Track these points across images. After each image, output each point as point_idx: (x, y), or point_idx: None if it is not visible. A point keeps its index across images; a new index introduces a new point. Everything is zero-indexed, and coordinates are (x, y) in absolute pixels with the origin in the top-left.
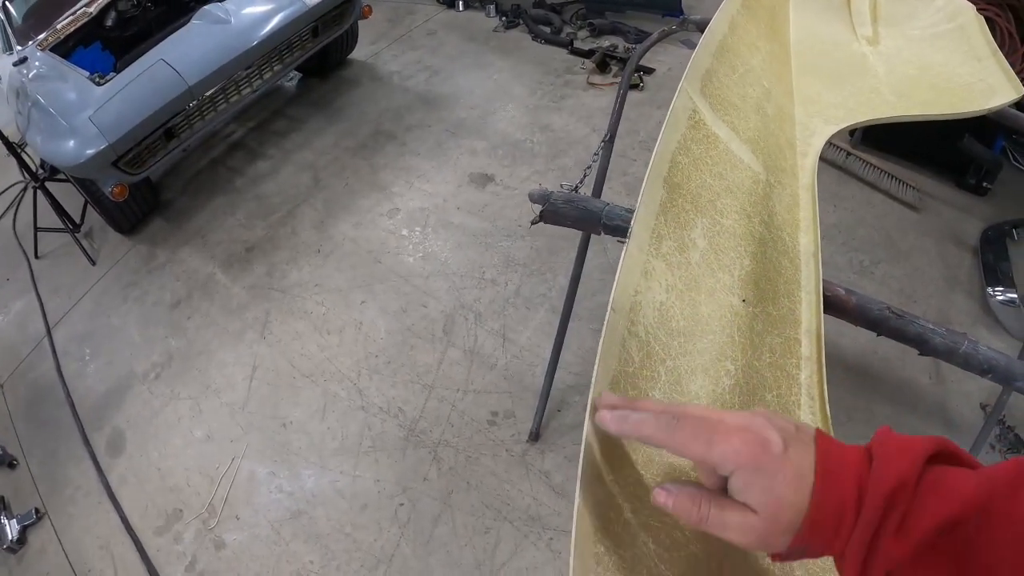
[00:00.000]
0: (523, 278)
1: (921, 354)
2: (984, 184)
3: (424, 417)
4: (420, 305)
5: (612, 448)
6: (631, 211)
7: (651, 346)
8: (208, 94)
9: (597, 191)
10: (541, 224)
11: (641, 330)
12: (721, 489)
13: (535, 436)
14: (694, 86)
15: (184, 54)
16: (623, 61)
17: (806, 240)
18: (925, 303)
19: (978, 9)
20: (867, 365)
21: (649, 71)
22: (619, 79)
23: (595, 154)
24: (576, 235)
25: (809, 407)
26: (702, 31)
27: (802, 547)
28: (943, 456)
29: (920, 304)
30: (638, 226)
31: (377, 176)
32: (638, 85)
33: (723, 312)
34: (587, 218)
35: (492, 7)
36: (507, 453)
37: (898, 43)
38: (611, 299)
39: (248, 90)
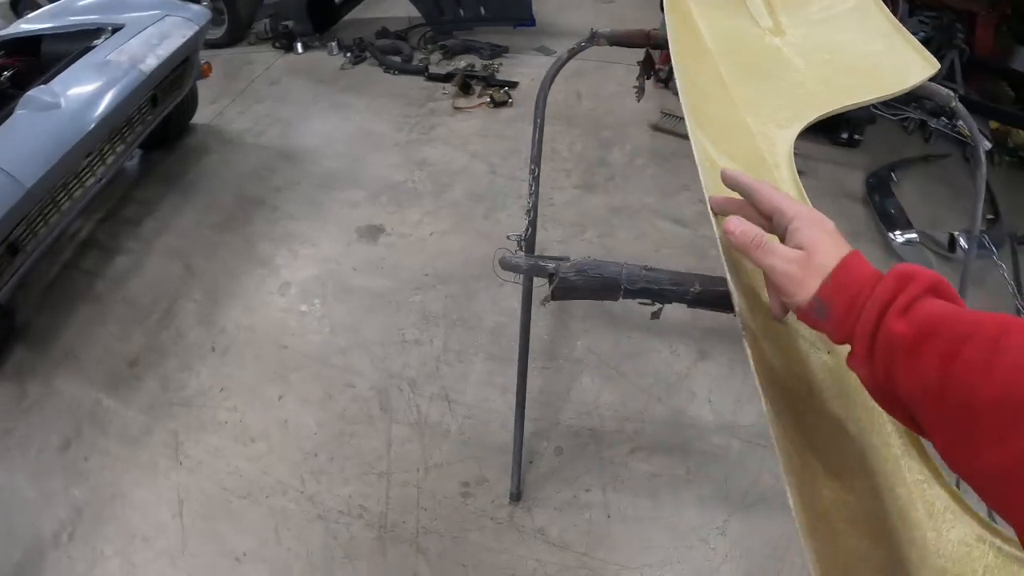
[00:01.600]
0: (447, 331)
1: None
2: (855, 136)
3: (392, 509)
4: (346, 386)
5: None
6: (652, 270)
7: None
8: (50, 193)
9: (533, 230)
10: (449, 266)
11: None
12: None
13: (516, 496)
14: (695, 121)
15: (15, 152)
16: (485, 79)
17: None
18: None
19: None
20: None
21: (513, 84)
22: (485, 99)
23: (530, 193)
24: (489, 269)
25: None
26: (614, 44)
27: (825, 303)
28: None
29: None
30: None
31: (255, 250)
32: (507, 102)
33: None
34: (606, 287)
35: (334, 44)
36: (493, 522)
37: (803, 31)
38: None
39: (92, 180)
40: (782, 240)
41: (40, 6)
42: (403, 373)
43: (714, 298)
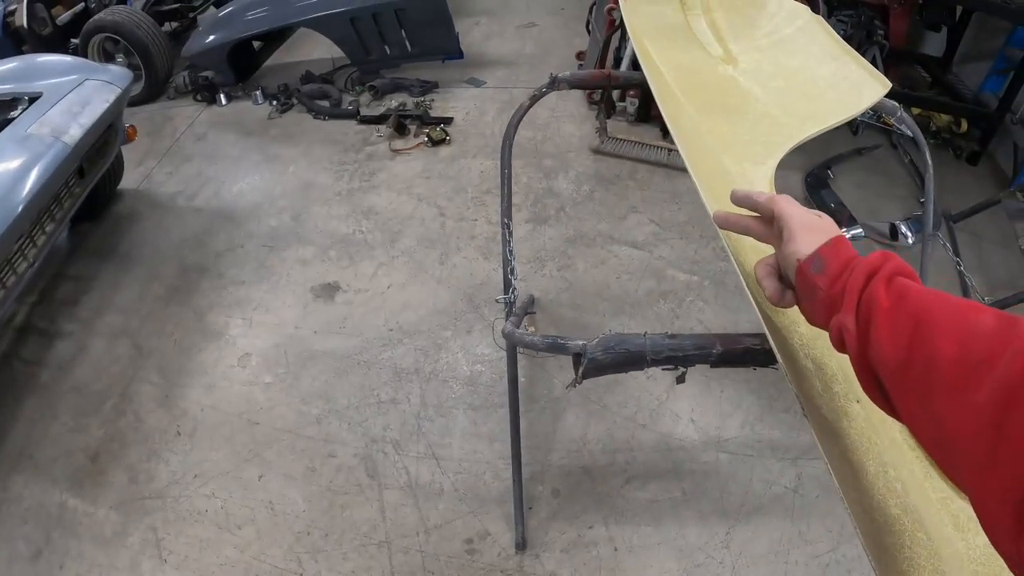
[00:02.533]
0: (422, 386)
1: None
2: None
3: None
4: (328, 456)
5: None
6: (674, 337)
7: None
8: None
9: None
10: (413, 318)
11: None
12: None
13: (522, 544)
14: (695, 169)
15: None
16: (419, 118)
17: None
18: None
19: None
20: None
21: (448, 121)
22: (422, 139)
23: (508, 248)
24: (455, 317)
25: None
26: (575, 88)
27: (823, 259)
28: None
29: None
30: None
31: (206, 321)
32: (444, 139)
33: None
34: (631, 360)
35: (258, 93)
36: (504, 574)
37: (753, 56)
38: None
39: (24, 265)
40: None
41: None
42: (385, 435)
43: (736, 356)
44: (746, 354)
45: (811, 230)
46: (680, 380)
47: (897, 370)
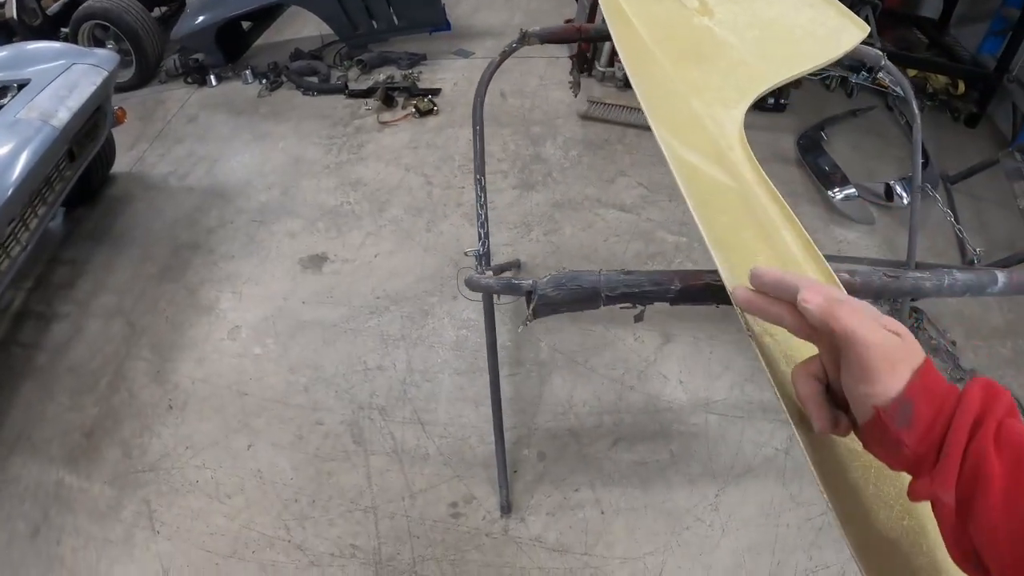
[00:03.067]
0: (408, 352)
1: (914, 300)
2: (782, 101)
3: (384, 543)
4: (315, 424)
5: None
6: (630, 273)
7: None
8: None
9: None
10: (400, 286)
11: None
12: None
13: (507, 508)
14: (655, 116)
15: None
16: (407, 90)
17: (792, 236)
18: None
19: None
20: None
21: (436, 92)
22: (410, 110)
23: (479, 204)
24: (441, 283)
25: None
26: (546, 42)
27: (910, 403)
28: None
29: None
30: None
31: (198, 297)
32: (432, 110)
33: None
34: (586, 297)
35: (248, 73)
36: (489, 538)
37: (729, 7)
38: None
39: (18, 248)
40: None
41: None
42: (371, 402)
43: (696, 292)
44: (706, 290)
45: (894, 363)
46: (638, 319)
47: (1018, 562)
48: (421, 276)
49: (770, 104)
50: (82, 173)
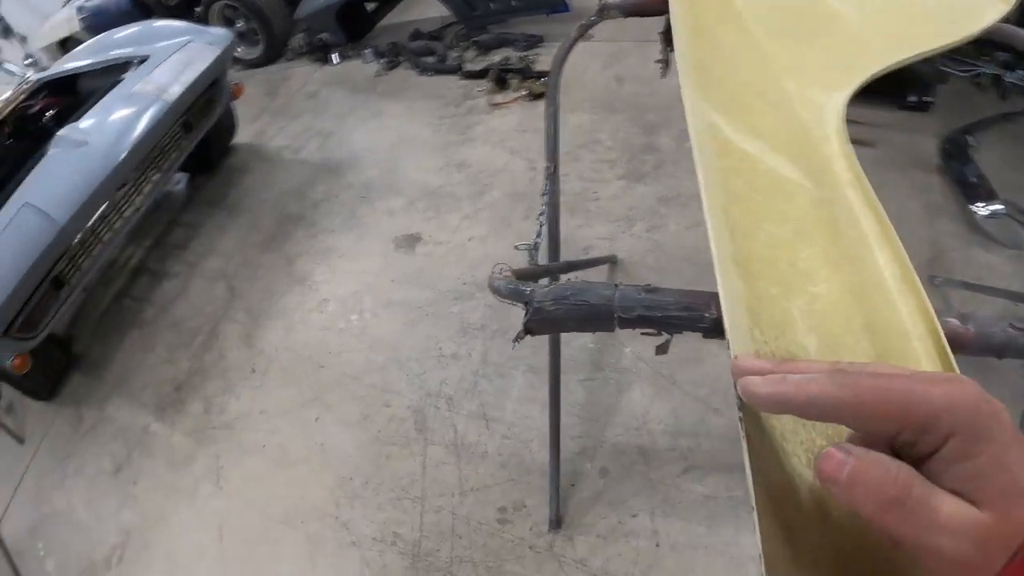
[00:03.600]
0: (486, 343)
1: None
2: (925, 99)
3: (426, 536)
4: (382, 406)
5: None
6: (655, 291)
7: None
8: (88, 227)
9: (554, 238)
10: (488, 273)
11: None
12: None
13: (556, 522)
14: (700, 91)
15: (48, 191)
16: (520, 72)
17: (886, 258)
18: (913, 241)
19: None
20: None
21: (547, 75)
22: (522, 92)
23: (543, 193)
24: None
25: None
26: (629, 15)
27: None
28: None
29: (909, 244)
30: (735, 342)
31: (294, 267)
32: (543, 93)
33: None
34: (594, 316)
35: (368, 52)
36: (532, 551)
37: None
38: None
39: (131, 210)
40: (920, 458)
41: None
42: (441, 390)
43: None
44: None
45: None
46: (661, 350)
47: None
48: (511, 265)
49: (912, 101)
50: (203, 143)
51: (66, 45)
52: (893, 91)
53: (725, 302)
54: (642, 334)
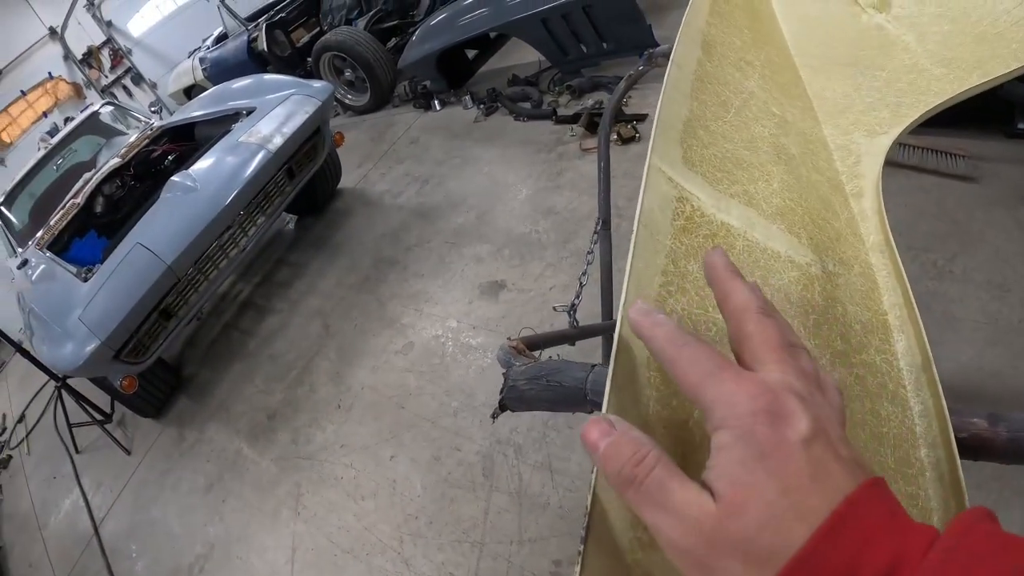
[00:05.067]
0: None
1: None
2: None
3: None
4: (453, 449)
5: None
6: None
7: None
8: (195, 265)
9: (606, 295)
10: (566, 323)
11: None
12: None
13: None
14: (671, 156)
15: (158, 232)
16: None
17: (905, 344)
18: (1019, 288)
19: None
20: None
21: (641, 118)
22: (612, 137)
23: (589, 251)
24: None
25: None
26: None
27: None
28: None
29: (1015, 291)
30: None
31: (385, 310)
32: (634, 137)
33: None
34: (567, 398)
35: (468, 98)
36: None
37: None
38: None
39: (236, 251)
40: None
41: None
42: (510, 438)
43: None
44: None
45: (743, 505)
46: None
47: None
48: (589, 316)
49: (1021, 130)
50: (309, 188)
51: (191, 93)
52: (1000, 118)
53: None
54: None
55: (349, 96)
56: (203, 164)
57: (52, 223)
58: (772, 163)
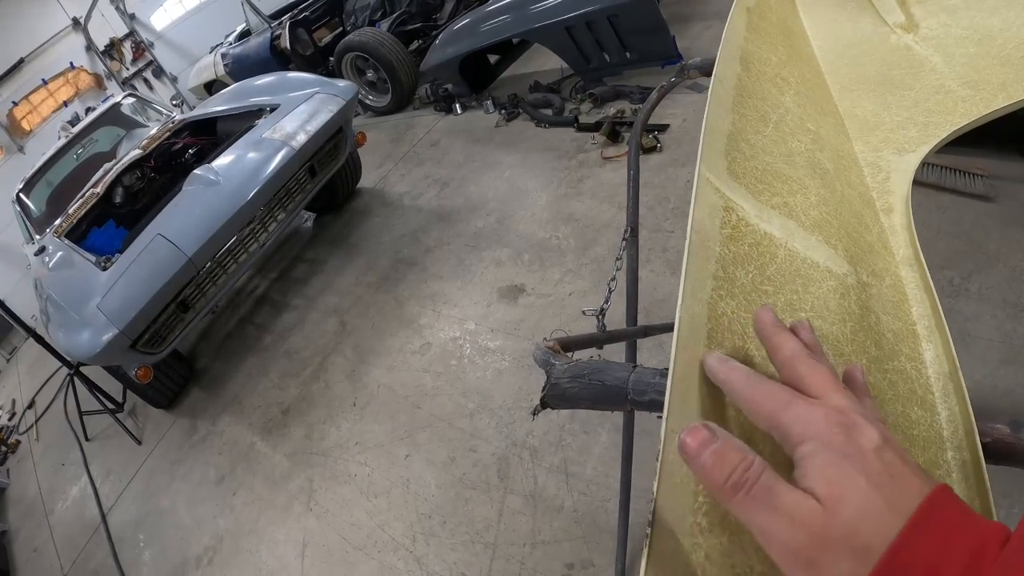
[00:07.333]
0: None
1: None
2: None
3: None
4: (469, 450)
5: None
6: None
7: None
8: (214, 258)
9: (631, 301)
10: (585, 328)
11: None
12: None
13: None
14: (717, 167)
15: (179, 224)
16: (633, 125)
17: (933, 353)
18: None
19: None
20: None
21: (663, 128)
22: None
23: (617, 257)
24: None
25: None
26: (708, 75)
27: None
28: None
29: None
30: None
31: (403, 310)
32: (655, 147)
33: None
34: (608, 396)
35: (489, 103)
36: None
37: (940, 19)
38: None
39: (255, 245)
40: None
41: None
42: (526, 441)
43: None
44: None
45: (845, 503)
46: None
47: None
48: (609, 321)
49: None
50: (329, 186)
51: (211, 88)
52: (1017, 138)
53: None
54: (658, 417)
55: (370, 97)
56: (226, 158)
57: (71, 211)
58: (809, 177)
